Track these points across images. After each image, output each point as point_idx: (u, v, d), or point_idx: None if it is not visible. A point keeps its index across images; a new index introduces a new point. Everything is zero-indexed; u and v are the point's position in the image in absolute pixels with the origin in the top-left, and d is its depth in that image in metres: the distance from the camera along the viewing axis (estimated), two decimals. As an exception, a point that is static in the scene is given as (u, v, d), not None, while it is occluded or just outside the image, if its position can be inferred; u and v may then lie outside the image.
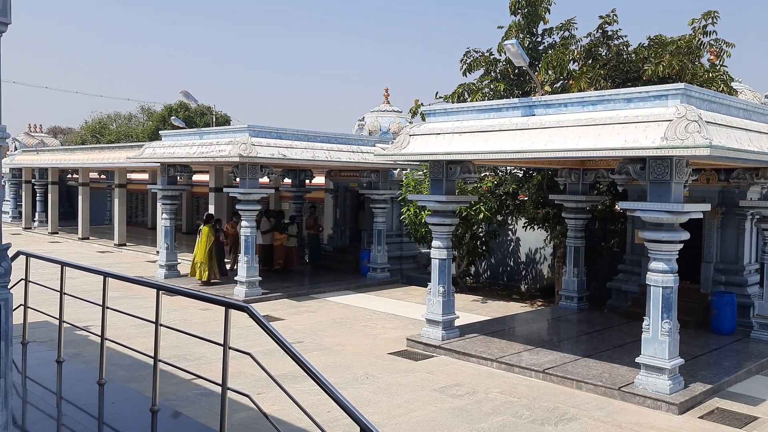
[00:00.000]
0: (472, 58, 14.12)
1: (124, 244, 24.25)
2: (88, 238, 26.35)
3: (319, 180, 21.39)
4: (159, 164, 16.81)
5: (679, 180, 7.97)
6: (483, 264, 18.17)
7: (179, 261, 17.29)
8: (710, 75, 11.92)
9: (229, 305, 4.03)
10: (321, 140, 15.37)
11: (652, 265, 8.26)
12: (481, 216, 14.87)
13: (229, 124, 40.66)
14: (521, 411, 7.72)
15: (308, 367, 3.55)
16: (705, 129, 7.14)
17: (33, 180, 31.63)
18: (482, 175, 15.30)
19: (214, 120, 43.53)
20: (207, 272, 15.76)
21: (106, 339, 5.14)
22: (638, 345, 8.48)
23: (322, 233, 19.73)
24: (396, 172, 17.47)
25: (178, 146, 15.50)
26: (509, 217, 16.30)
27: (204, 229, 15.99)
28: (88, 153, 25.58)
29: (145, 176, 29.29)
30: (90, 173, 28.20)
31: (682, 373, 8.43)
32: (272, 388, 7.83)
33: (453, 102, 13.91)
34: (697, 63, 12.06)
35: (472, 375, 9.17)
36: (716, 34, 12.30)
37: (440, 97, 14.40)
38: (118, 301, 12.43)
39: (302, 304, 14.22)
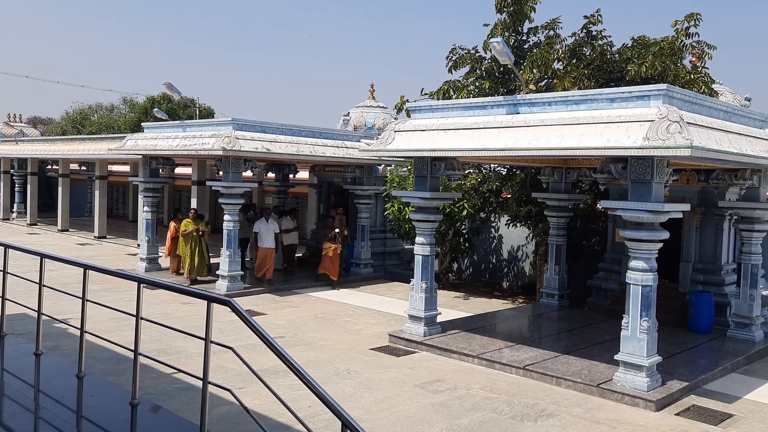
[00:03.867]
0: (457, 56, 14.15)
1: (105, 237, 24.01)
2: (67, 230, 26.06)
3: (303, 175, 21.33)
4: (141, 156, 16.67)
5: (660, 180, 8.07)
6: (466, 261, 18.25)
7: (160, 254, 17.17)
8: (692, 76, 12.06)
9: (211, 299, 4.01)
10: (305, 135, 15.32)
11: (632, 263, 8.36)
12: (465, 213, 14.94)
13: (212, 118, 40.36)
14: (501, 407, 7.78)
15: (290, 361, 3.55)
16: (686, 130, 7.23)
17: (12, 170, 31.17)
18: (466, 172, 15.35)
19: (197, 113, 43.15)
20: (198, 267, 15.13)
21: (86, 332, 5.09)
22: (617, 342, 8.58)
23: (347, 237, 17.20)
24: (380, 167, 17.47)
25: (161, 138, 15.37)
26: (492, 215, 16.38)
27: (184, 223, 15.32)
28: (68, 144, 25.26)
29: (126, 168, 28.99)
30: (70, 164, 27.87)
31: (660, 370, 8.55)
32: (254, 382, 7.78)
33: (438, 99, 13.94)
34: (679, 64, 12.19)
35: (454, 371, 9.22)
36: (698, 36, 12.47)
37: (426, 94, 14.43)
38: (98, 294, 12.30)
39: (285, 299, 14.19)
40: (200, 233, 15.04)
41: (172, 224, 16.29)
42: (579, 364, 9.22)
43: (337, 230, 15.63)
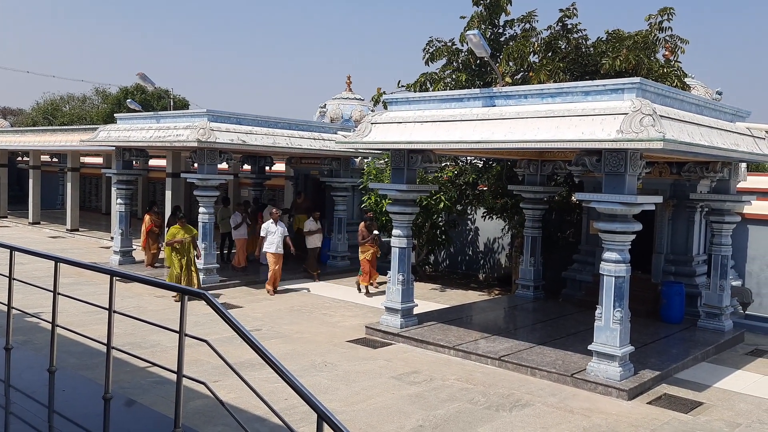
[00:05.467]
0: (434, 48, 14.16)
1: (77, 230, 23.64)
2: (39, 223, 25.60)
3: (280, 167, 21.18)
4: (114, 148, 16.42)
5: (633, 172, 8.17)
6: (442, 253, 18.32)
7: (134, 247, 16.97)
8: (665, 70, 12.22)
9: (185, 292, 3.97)
10: (282, 126, 15.23)
11: (606, 255, 8.46)
12: (442, 205, 14.99)
13: (187, 109, 39.90)
14: (477, 397, 7.84)
15: (266, 354, 3.53)
16: (659, 123, 7.33)
17: (-19, 162, 30.46)
18: (443, 165, 15.40)
19: (171, 104, 42.63)
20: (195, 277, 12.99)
21: (57, 326, 5.01)
22: (591, 333, 8.69)
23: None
24: (357, 160, 17.43)
25: (134, 130, 15.16)
26: (469, 207, 16.47)
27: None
28: (39, 135, 24.77)
29: (99, 160, 28.54)
30: (41, 156, 27.36)
31: (633, 360, 8.69)
32: (229, 375, 7.76)
33: (415, 91, 13.94)
34: (652, 58, 12.34)
35: (430, 362, 9.27)
36: (671, 30, 12.61)
37: (402, 86, 14.42)
38: (71, 287, 12.14)
39: (261, 291, 14.11)
40: (193, 243, 12.91)
41: (147, 217, 16.14)
42: (553, 354, 9.33)
43: (376, 232, 14.30)
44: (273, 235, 13.95)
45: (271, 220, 14.14)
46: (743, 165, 12.50)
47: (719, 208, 10.97)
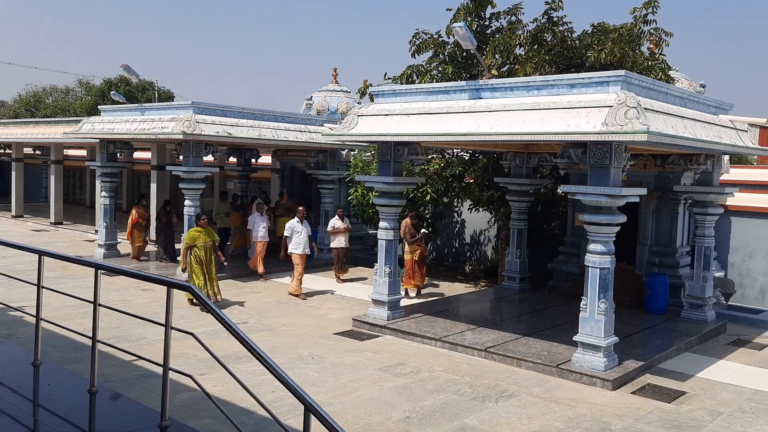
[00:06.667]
0: (421, 40, 14.13)
1: (61, 223, 23.43)
2: (22, 216, 25.33)
3: (266, 159, 21.11)
4: (98, 140, 16.27)
5: (618, 165, 8.23)
6: (429, 245, 18.35)
7: (119, 240, 16.85)
8: (649, 63, 12.29)
9: (171, 285, 3.95)
10: (268, 119, 15.16)
11: (591, 246, 8.53)
12: (428, 198, 15.01)
13: (172, 101, 39.56)
14: (463, 388, 7.89)
15: (252, 347, 3.53)
16: (643, 115, 7.38)
17: (-38, 155, 30.12)
18: (429, 157, 15.41)
19: (156, 96, 42.27)
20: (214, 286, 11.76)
21: (42, 319, 4.97)
22: (576, 324, 8.77)
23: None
24: (344, 152, 17.40)
25: (119, 122, 15.02)
26: (455, 200, 16.50)
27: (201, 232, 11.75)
28: (22, 127, 24.48)
29: (83, 153, 28.26)
30: (24, 148, 27.02)
31: (617, 350, 8.78)
32: (216, 368, 7.76)
33: (402, 83, 13.92)
34: (637, 51, 12.40)
35: (417, 354, 9.31)
36: (656, 23, 12.67)
37: (389, 78, 14.38)
38: (55, 281, 12.04)
39: (247, 284, 14.08)
40: (214, 248, 11.90)
41: (135, 210, 16.05)
42: (539, 345, 9.40)
43: (424, 230, 13.64)
44: (299, 235, 13.01)
45: (297, 219, 13.13)
46: (726, 157, 12.65)
47: (702, 200, 11.08)
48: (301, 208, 13.76)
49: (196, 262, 11.51)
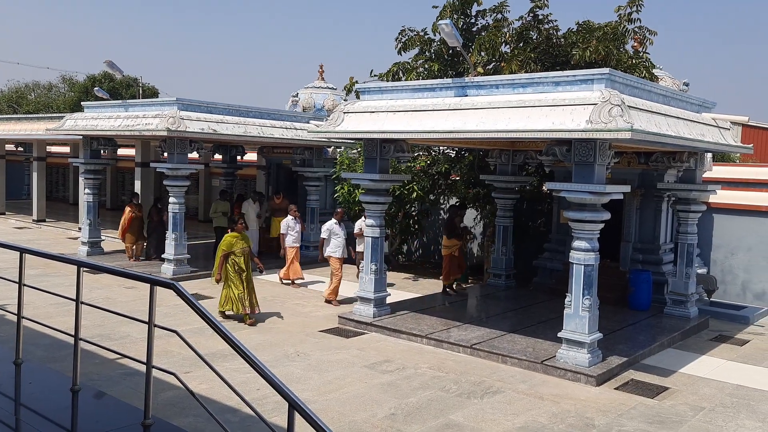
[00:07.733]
0: (407, 37, 14.13)
1: (44, 220, 23.18)
2: (4, 214, 25.03)
3: (252, 156, 21.00)
4: (81, 137, 16.12)
5: (602, 162, 8.29)
6: (415, 242, 18.39)
7: (103, 238, 16.70)
8: (634, 61, 12.39)
9: (154, 282, 3.92)
10: (253, 116, 15.09)
11: (575, 243, 8.58)
12: (414, 195, 15.03)
13: (156, 97, 39.24)
14: (449, 385, 7.92)
15: (237, 344, 3.52)
16: (627, 113, 7.43)
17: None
18: (416, 154, 15.42)
19: (140, 92, 41.96)
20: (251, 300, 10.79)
21: (23, 317, 4.92)
22: (561, 320, 8.82)
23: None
24: (330, 149, 17.36)
25: (102, 119, 14.88)
26: (441, 197, 16.54)
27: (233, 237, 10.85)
28: (3, 124, 24.16)
29: (66, 149, 27.95)
30: (6, 145, 26.70)
31: (601, 347, 8.84)
32: (200, 366, 7.71)
33: (388, 80, 13.92)
34: (621, 49, 12.49)
35: (403, 351, 9.32)
36: (640, 22, 12.77)
37: (375, 75, 14.38)
38: (37, 279, 11.91)
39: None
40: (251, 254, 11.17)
41: (128, 209, 15.91)
42: (524, 342, 9.45)
43: (464, 225, 13.07)
44: (338, 238, 12.28)
45: (335, 220, 12.39)
46: (709, 155, 12.77)
47: (685, 197, 11.19)
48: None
49: (234, 271, 10.67)
